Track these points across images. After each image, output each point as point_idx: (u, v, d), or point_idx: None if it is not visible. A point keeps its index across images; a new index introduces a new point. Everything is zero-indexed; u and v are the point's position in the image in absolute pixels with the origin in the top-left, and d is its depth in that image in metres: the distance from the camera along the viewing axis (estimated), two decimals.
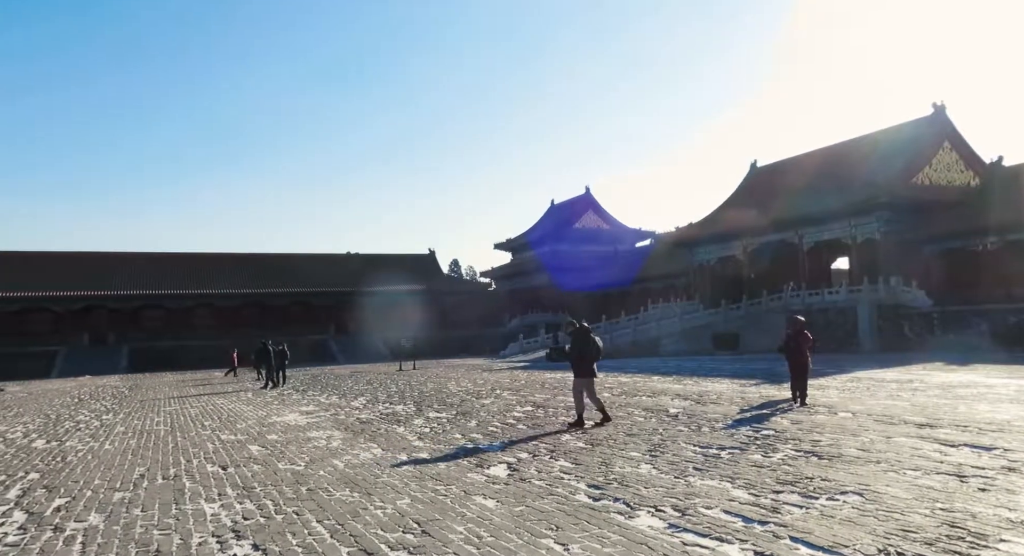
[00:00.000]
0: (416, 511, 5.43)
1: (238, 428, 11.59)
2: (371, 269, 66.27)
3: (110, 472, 7.82)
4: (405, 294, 64.66)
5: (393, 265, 68.37)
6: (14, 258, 55.09)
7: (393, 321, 62.09)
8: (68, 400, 20.58)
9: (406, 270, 67.91)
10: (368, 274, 65.22)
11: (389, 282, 65.14)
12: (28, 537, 5.14)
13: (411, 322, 61.58)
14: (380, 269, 66.80)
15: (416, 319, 62.88)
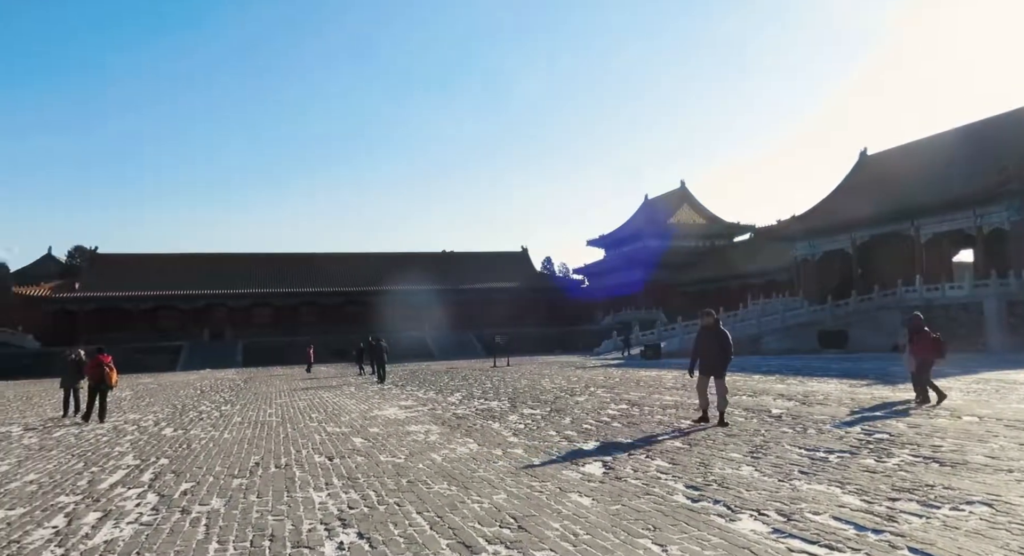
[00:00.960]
0: (512, 506, 5.49)
1: (342, 421, 12.12)
2: (465, 266, 67.54)
3: (229, 460, 8.38)
4: (498, 291, 65.49)
5: (487, 263, 69.37)
6: (146, 260, 60.04)
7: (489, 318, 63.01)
8: (192, 392, 22.21)
9: (499, 267, 68.72)
10: (462, 271, 66.49)
11: (483, 279, 66.16)
12: (160, 517, 5.59)
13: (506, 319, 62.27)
14: (476, 267, 67.96)
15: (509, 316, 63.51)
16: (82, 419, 13.87)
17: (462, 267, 67.27)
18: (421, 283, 63.40)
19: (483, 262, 69.20)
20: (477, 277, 65.67)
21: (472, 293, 64.27)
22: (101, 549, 4.76)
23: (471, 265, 67.98)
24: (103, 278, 55.56)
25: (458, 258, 70.40)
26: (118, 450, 9.60)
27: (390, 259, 67.57)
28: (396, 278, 63.33)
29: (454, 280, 64.59)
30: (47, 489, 7.02)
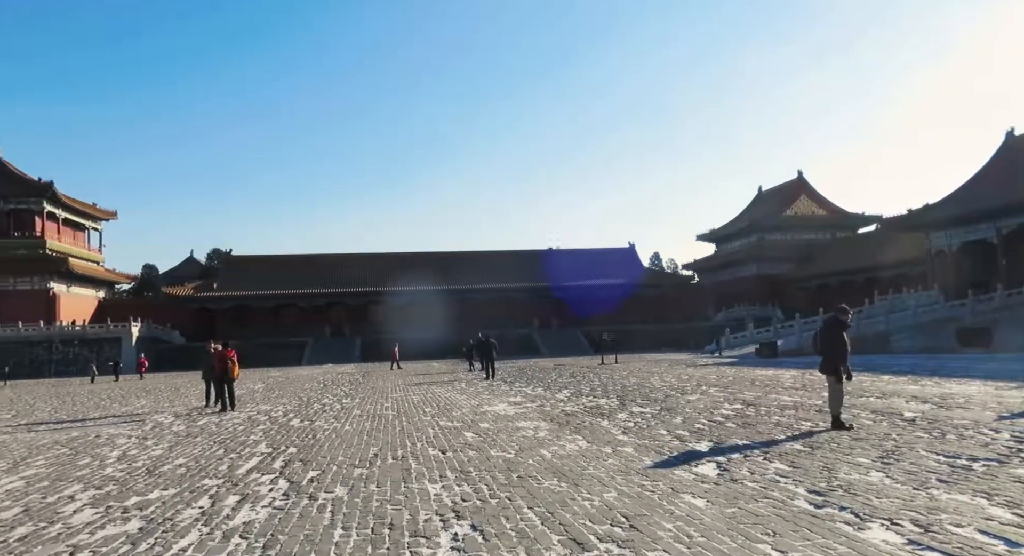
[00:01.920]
0: (623, 505, 5.44)
1: (454, 416, 12.46)
2: (573, 264, 67.38)
3: (350, 450, 8.83)
4: (605, 288, 64.87)
5: (594, 260, 68.91)
6: (274, 261, 64.32)
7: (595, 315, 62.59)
8: (315, 385, 23.58)
9: (606, 264, 68.06)
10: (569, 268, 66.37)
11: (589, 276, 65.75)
12: (290, 502, 5.99)
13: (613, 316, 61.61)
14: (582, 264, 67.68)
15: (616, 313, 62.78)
16: (220, 409, 15.13)
17: (569, 264, 67.19)
18: (528, 280, 63.95)
19: (590, 259, 68.82)
20: (584, 274, 65.38)
21: (579, 290, 64.06)
22: (240, 529, 5.16)
23: (578, 262, 67.77)
24: (237, 278, 60.11)
25: (565, 255, 70.40)
26: (252, 438, 10.36)
27: (497, 257, 68.65)
28: (503, 275, 64.24)
29: (561, 277, 64.63)
30: (193, 472, 7.70)
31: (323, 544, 4.70)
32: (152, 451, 9.48)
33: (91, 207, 63.55)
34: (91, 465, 8.50)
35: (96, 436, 11.53)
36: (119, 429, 12.48)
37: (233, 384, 15.59)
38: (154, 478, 7.43)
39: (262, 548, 4.66)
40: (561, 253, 71.27)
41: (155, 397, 21.05)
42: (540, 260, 68.21)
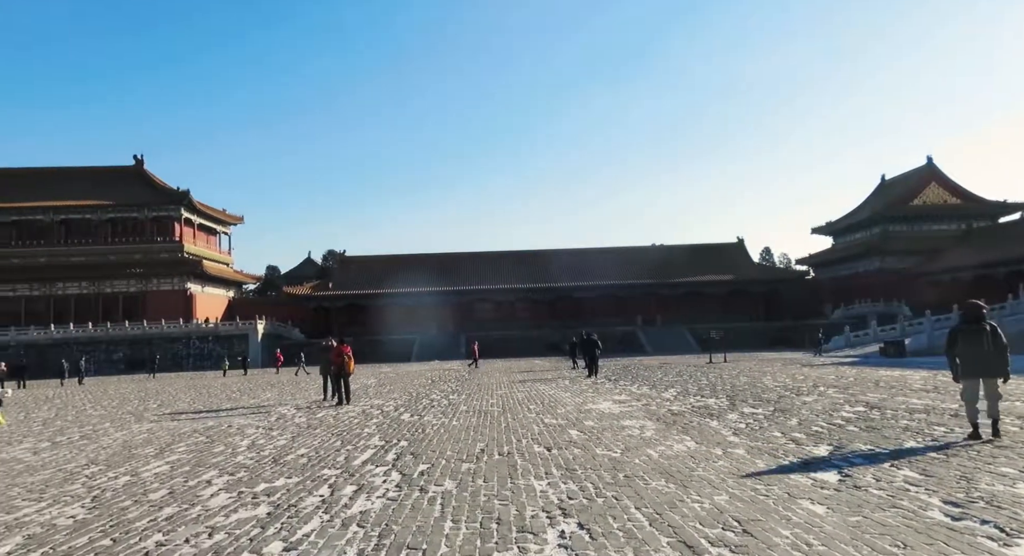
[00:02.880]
0: (735, 509, 5.26)
1: (558, 413, 12.48)
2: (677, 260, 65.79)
3: (458, 445, 9.05)
4: (712, 284, 62.87)
5: (700, 255, 66.94)
6: (384, 261, 66.93)
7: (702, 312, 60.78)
8: (423, 381, 24.34)
9: (713, 260, 65.93)
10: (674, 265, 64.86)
11: (696, 272, 63.96)
12: (403, 494, 6.22)
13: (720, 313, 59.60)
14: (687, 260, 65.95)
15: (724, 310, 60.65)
16: (337, 402, 15.94)
17: (673, 260, 65.64)
18: (631, 277, 63.05)
19: (695, 254, 66.91)
20: (689, 270, 63.65)
21: (684, 287, 62.45)
22: (358, 518, 5.42)
23: (683, 258, 66.07)
24: (350, 277, 63.10)
25: (669, 251, 68.82)
26: (367, 431, 10.84)
27: (600, 253, 68.12)
28: (606, 273, 63.66)
29: (665, 274, 63.26)
30: (314, 462, 8.16)
31: (434, 536, 4.84)
32: (277, 441, 10.13)
33: (221, 213, 68.68)
34: (224, 453, 9.20)
35: (228, 426, 12.46)
36: (248, 420, 13.42)
37: (349, 379, 16.40)
38: (279, 467, 7.94)
39: (377, 537, 4.87)
40: (665, 249, 69.71)
41: (279, 390, 22.47)
42: (643, 256, 67.03)
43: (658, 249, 70.12)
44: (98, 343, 51.71)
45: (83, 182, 63.69)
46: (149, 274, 59.47)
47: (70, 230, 60.73)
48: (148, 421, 14.02)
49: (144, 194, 62.98)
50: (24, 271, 58.37)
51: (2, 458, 9.65)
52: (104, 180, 64.35)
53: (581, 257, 67.02)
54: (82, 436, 11.89)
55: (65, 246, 60.17)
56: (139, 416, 15.25)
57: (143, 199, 61.98)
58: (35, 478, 7.89)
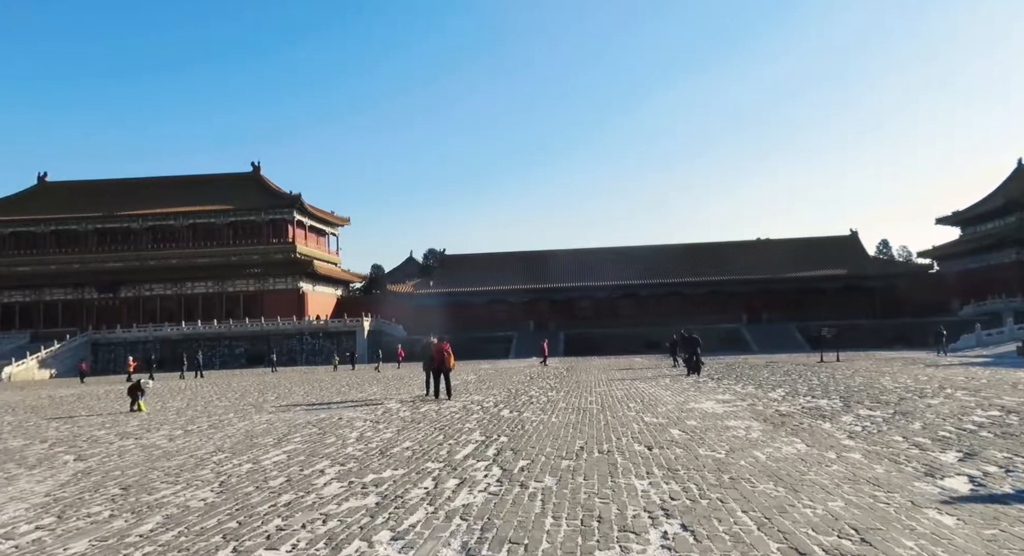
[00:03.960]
0: (852, 516, 4.97)
1: (659, 412, 12.25)
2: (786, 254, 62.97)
3: (557, 442, 9.08)
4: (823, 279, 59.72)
5: (810, 249, 63.74)
6: (483, 259, 68.07)
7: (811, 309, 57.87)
8: (522, 378, 24.56)
9: (825, 254, 62.59)
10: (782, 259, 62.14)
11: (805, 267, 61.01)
12: (504, 489, 6.32)
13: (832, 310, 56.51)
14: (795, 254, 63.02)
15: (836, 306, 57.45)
16: (434, 397, 16.38)
17: (781, 254, 62.81)
18: (734, 272, 60.94)
19: (805, 248, 63.71)
20: (798, 265, 60.70)
21: (792, 282, 59.65)
22: (460, 511, 5.56)
23: (791, 252, 63.09)
24: (450, 276, 64.63)
25: (776, 245, 65.91)
26: (467, 426, 11.08)
27: (702, 249, 66.25)
28: (708, 268, 61.84)
29: (772, 268, 60.65)
30: (418, 455, 8.43)
31: (535, 531, 4.89)
32: (383, 434, 10.54)
33: (330, 215, 72.14)
34: (335, 444, 9.67)
35: (339, 418, 13.09)
36: (356, 413, 14.04)
37: (449, 374, 16.83)
38: (386, 458, 8.26)
39: (480, 530, 4.97)
40: (772, 243, 66.80)
41: (384, 386, 23.36)
42: (748, 251, 64.53)
43: (764, 243, 67.28)
44: (222, 339, 55.67)
45: (208, 189, 68.72)
46: (266, 274, 63.34)
47: (197, 233, 65.68)
48: (267, 412, 14.96)
49: (260, 199, 67.16)
50: (160, 272, 63.69)
51: (143, 444, 10.60)
52: (225, 186, 69.15)
53: (682, 252, 65.39)
54: (210, 425, 12.86)
55: (193, 248, 65.14)
56: (259, 408, 16.30)
57: (259, 203, 66.10)
58: (171, 463, 8.61)
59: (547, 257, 67.06)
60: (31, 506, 6.40)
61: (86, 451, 10.02)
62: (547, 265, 64.87)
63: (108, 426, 13.49)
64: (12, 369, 48.10)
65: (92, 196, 68.39)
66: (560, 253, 67.99)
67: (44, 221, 64.96)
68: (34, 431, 13.18)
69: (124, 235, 65.41)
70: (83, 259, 64.39)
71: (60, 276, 63.15)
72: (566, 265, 64.71)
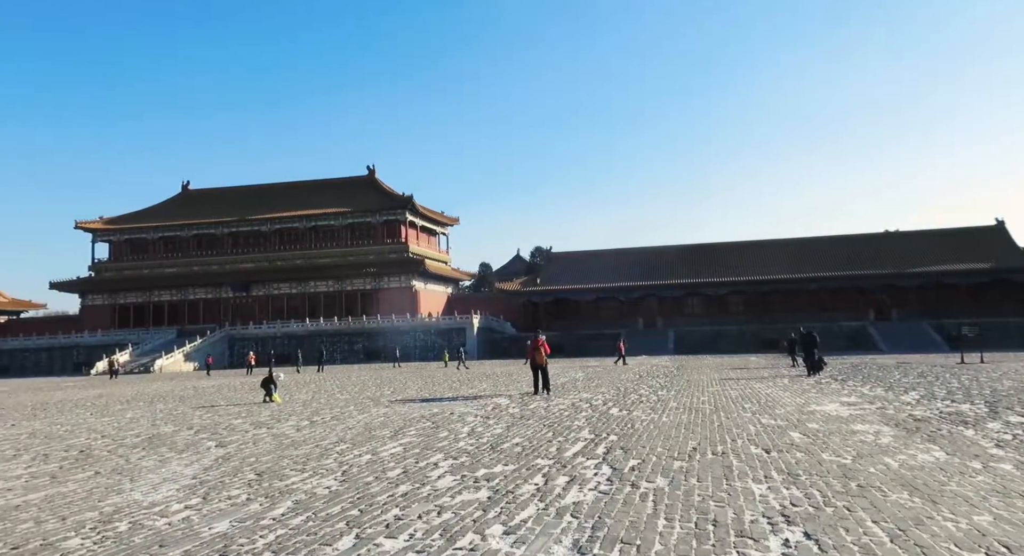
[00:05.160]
0: (1003, 533, 4.54)
1: (776, 413, 11.70)
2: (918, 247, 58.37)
3: (668, 442, 8.88)
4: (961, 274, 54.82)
5: (946, 241, 58.68)
6: (589, 256, 67.65)
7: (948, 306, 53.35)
8: (631, 376, 24.22)
9: (964, 246, 57.40)
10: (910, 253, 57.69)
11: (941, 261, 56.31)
12: (614, 488, 6.26)
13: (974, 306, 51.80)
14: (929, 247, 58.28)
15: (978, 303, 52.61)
16: (535, 393, 16.49)
17: (912, 247, 58.18)
18: (859, 267, 57.15)
19: (940, 240, 58.66)
20: (932, 258, 55.99)
21: (925, 277, 55.09)
22: (571, 509, 5.56)
23: (924, 244, 58.30)
24: (557, 273, 64.71)
25: (907, 238, 61.14)
26: (576, 424, 11.07)
27: (821, 243, 62.58)
28: (829, 263, 58.36)
29: (902, 263, 56.32)
30: (528, 451, 8.52)
31: (647, 532, 4.81)
32: (493, 429, 10.73)
33: (440, 215, 74.29)
34: (448, 438, 9.96)
35: (451, 413, 13.46)
36: (467, 408, 14.39)
37: (546, 370, 16.91)
38: (496, 454, 8.41)
39: (591, 529, 4.95)
40: (902, 235, 61.99)
41: (493, 382, 23.78)
42: (875, 244, 60.24)
43: (893, 236, 62.55)
44: (342, 335, 58.72)
45: (327, 192, 72.70)
46: (381, 273, 66.12)
47: (318, 235, 69.60)
48: (383, 406, 15.64)
49: (375, 201, 70.20)
50: (286, 272, 68.08)
51: (274, 433, 11.38)
52: (343, 189, 72.86)
53: (799, 247, 61.99)
54: (332, 417, 13.61)
55: (315, 249, 69.10)
56: (376, 401, 17.07)
57: (375, 205, 69.11)
58: (299, 451, 9.19)
59: (655, 253, 65.64)
60: (180, 487, 7.04)
61: (225, 438, 10.89)
62: (655, 261, 63.51)
63: (244, 416, 14.59)
64: (162, 361, 53.10)
65: (228, 202, 74.17)
66: (668, 249, 66.37)
67: (187, 226, 71.10)
68: (182, 418, 14.48)
69: (255, 238, 70.40)
70: (220, 261, 69.93)
71: (201, 276, 68.91)
72: (675, 261, 63.07)
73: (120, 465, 8.62)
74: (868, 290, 56.22)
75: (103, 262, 72.63)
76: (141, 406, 18.53)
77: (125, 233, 72.16)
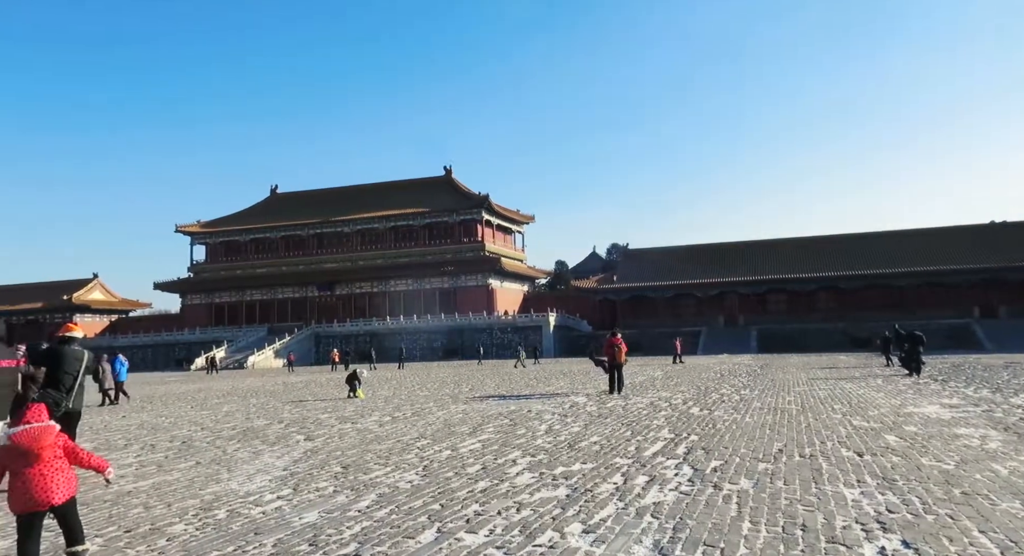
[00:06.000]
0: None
1: (869, 415, 11.14)
2: None
3: (752, 443, 8.61)
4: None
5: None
6: (667, 253, 66.41)
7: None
8: (712, 374, 23.62)
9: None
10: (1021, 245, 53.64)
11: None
12: (695, 489, 6.13)
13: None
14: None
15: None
16: (610, 392, 16.30)
17: (1019, 239, 54.00)
18: (962, 261, 53.56)
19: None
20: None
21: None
22: (651, 509, 5.49)
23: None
24: (634, 270, 63.79)
25: (1013, 229, 56.81)
26: (656, 423, 10.89)
27: (914, 235, 59.03)
28: (926, 257, 55.01)
29: (1010, 256, 52.37)
30: (606, 450, 8.45)
31: (731, 535, 4.69)
32: (571, 427, 10.71)
33: (515, 213, 74.67)
34: (526, 435, 10.01)
35: (528, 411, 13.52)
36: (544, 406, 14.41)
37: (621, 369, 16.68)
38: (574, 452, 8.39)
39: (672, 530, 4.87)
40: (1009, 227, 57.64)
41: (570, 380, 23.71)
42: (978, 236, 56.28)
43: (998, 227, 58.27)
44: (421, 332, 59.97)
45: (405, 193, 74.40)
46: (458, 272, 67.12)
47: (397, 235, 71.35)
48: (462, 403, 15.88)
49: (452, 200, 71.30)
50: (367, 271, 70.16)
51: (358, 428, 11.76)
52: (421, 189, 74.38)
53: (892, 240, 58.70)
54: (413, 413, 13.93)
55: (394, 249, 70.89)
56: (455, 398, 17.35)
57: (451, 205, 70.20)
58: (381, 446, 9.47)
59: (735, 249, 63.68)
60: (273, 478, 7.38)
61: (313, 432, 11.34)
62: (735, 257, 61.60)
63: (330, 410, 15.15)
64: (254, 358, 55.83)
65: (312, 204, 77.15)
66: (749, 244, 64.24)
67: (276, 228, 74.40)
68: (272, 413, 15.18)
69: (338, 238, 72.89)
70: (306, 261, 72.82)
71: (289, 276, 71.98)
72: (756, 257, 60.98)
73: (218, 456, 9.13)
74: (971, 285, 52.63)
75: (200, 263, 76.99)
76: (235, 400, 19.54)
77: (220, 236, 76.21)
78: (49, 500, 4.09)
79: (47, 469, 4.12)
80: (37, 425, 4.19)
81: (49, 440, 4.19)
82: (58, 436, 4.27)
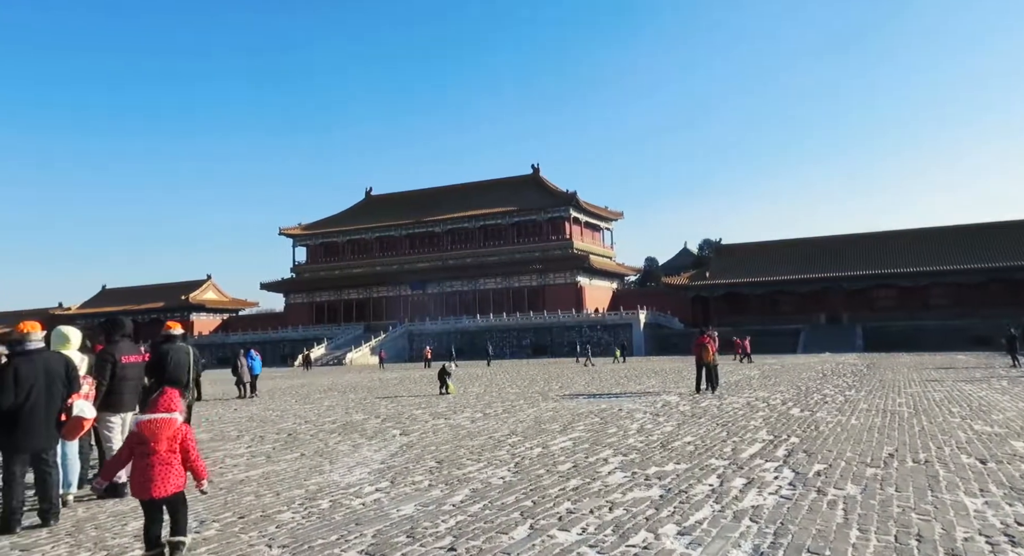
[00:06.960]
0: None
1: (993, 419, 10.30)
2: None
3: (859, 447, 8.15)
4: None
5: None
6: (763, 248, 63.87)
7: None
8: (813, 374, 22.53)
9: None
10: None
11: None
12: (797, 494, 5.87)
13: None
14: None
15: None
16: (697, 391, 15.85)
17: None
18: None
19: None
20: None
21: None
22: (750, 513, 5.30)
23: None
24: (728, 266, 61.75)
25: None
26: (753, 424, 10.51)
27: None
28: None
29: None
30: (700, 451, 8.24)
31: (838, 543, 4.46)
32: (664, 427, 10.51)
33: (603, 210, 73.97)
34: (617, 434, 9.91)
35: (619, 409, 13.38)
36: (635, 404, 14.21)
37: (712, 368, 16.19)
38: (667, 452, 8.23)
39: (773, 535, 4.69)
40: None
41: (662, 378, 23.26)
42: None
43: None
44: (510, 330, 60.48)
45: (493, 192, 75.23)
46: (546, 270, 67.22)
47: (486, 234, 72.27)
48: (552, 401, 15.90)
49: (540, 198, 71.46)
50: (457, 270, 71.51)
51: (451, 424, 12.02)
52: (508, 189, 74.99)
53: (1018, 230, 53.92)
54: (504, 410, 14.09)
55: (484, 248, 71.86)
56: (544, 396, 17.39)
57: (539, 203, 70.36)
58: (474, 442, 9.63)
59: (836, 243, 60.39)
60: (371, 471, 7.67)
61: (408, 427, 11.69)
62: (837, 251, 58.40)
63: (423, 406, 15.56)
64: (352, 355, 58.10)
65: (405, 205, 79.38)
66: (852, 237, 60.75)
67: (371, 229, 77.09)
68: (370, 408, 15.76)
69: (429, 238, 74.67)
70: (399, 261, 75.03)
71: (383, 275, 74.38)
72: (860, 250, 57.57)
73: (320, 448, 9.58)
74: None
75: (302, 264, 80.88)
76: (335, 395, 20.42)
77: (319, 237, 79.76)
78: (148, 492, 4.30)
79: (156, 461, 4.35)
80: (162, 416, 4.51)
81: (168, 432, 4.45)
82: (178, 430, 4.52)
